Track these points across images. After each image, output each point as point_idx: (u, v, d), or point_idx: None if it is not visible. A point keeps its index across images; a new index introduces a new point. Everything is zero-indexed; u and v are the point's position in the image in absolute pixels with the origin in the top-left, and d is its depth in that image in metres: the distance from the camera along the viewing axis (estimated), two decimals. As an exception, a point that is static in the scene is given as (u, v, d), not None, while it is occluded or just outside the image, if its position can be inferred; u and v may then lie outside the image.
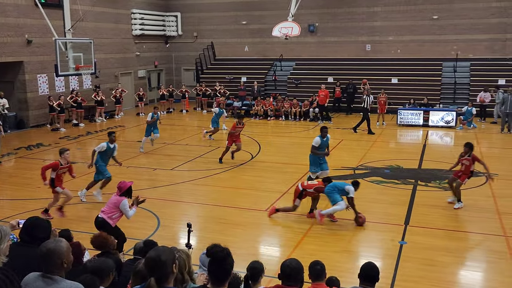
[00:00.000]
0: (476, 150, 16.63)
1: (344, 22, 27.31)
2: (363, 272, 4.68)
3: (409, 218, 10.06)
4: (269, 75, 28.00)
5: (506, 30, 24.64)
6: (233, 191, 12.11)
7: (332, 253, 8.41)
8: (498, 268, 7.95)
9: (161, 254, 3.27)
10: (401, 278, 7.49)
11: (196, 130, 21.41)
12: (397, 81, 25.02)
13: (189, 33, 30.81)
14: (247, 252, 8.51)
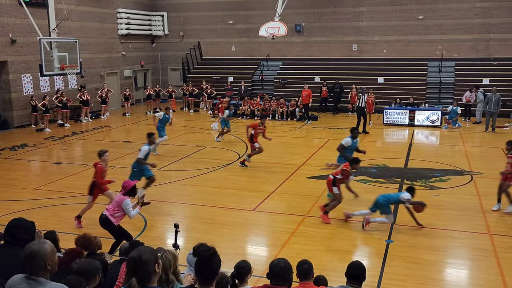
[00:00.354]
0: (461, 149, 16.90)
1: (330, 22, 27.42)
2: (350, 271, 4.70)
3: (395, 216, 10.11)
4: (256, 75, 28.01)
5: (489, 30, 24.95)
6: (220, 191, 12.08)
7: (319, 252, 8.43)
8: (483, 265, 8.04)
9: (142, 254, 3.24)
10: (387, 276, 7.54)
11: (183, 130, 21.33)
12: (383, 80, 25.20)
13: (175, 33, 30.69)
14: (234, 252, 8.50)
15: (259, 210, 10.71)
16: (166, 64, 31.41)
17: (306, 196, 11.46)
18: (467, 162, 14.72)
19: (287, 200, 11.43)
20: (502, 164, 14.41)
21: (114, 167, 14.37)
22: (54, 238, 5.59)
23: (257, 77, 27.83)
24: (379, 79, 25.31)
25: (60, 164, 15.10)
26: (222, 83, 27.05)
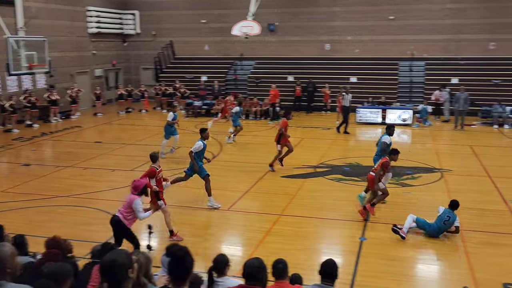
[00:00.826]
0: (432, 147, 17.20)
1: (304, 21, 27.54)
2: (323, 269, 4.69)
3: (368, 214, 10.20)
4: (229, 74, 27.94)
5: (459, 31, 25.47)
6: (195, 191, 11.97)
7: (295, 250, 8.44)
8: (454, 261, 8.19)
9: (117, 257, 3.16)
10: (361, 273, 7.60)
11: (157, 130, 21.09)
12: (356, 80, 25.44)
13: (147, 32, 30.34)
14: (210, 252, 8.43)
15: (233, 209, 10.67)
16: (138, 63, 31.02)
17: (281, 195, 11.47)
18: (437, 159, 14.98)
19: (262, 199, 11.43)
20: (471, 161, 14.77)
21: (85, 168, 14.14)
22: (22, 242, 5.44)
23: (230, 77, 27.75)
24: (351, 78, 25.54)
25: (29, 165, 14.73)
26: (196, 82, 26.88)
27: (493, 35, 25.07)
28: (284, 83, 26.04)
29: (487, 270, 7.71)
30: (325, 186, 12.29)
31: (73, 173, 13.70)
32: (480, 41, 25.23)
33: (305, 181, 12.68)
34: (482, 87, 23.36)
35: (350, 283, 7.29)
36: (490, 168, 13.64)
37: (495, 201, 11.03)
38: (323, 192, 11.80)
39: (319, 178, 12.99)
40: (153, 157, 9.37)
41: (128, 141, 18.09)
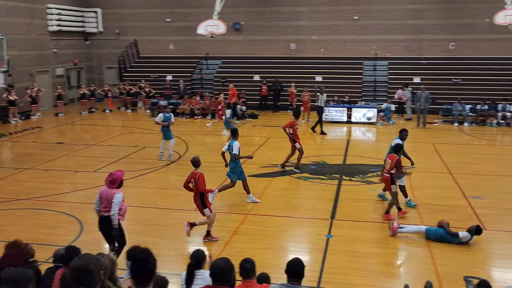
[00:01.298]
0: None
1: (269, 21, 27.62)
2: (289, 269, 4.64)
3: (335, 212, 10.33)
4: (195, 74, 27.76)
5: (420, 31, 26.08)
6: (161, 192, 11.83)
7: (262, 249, 8.44)
8: (417, 255, 8.37)
9: (88, 262, 3.09)
10: (328, 270, 7.67)
11: (121, 130, 20.77)
12: (321, 79, 25.68)
13: (110, 30, 29.77)
14: (175, 253, 8.36)
15: (200, 209, 10.57)
16: (101, 62, 30.40)
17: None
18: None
19: (229, 198, 11.37)
20: (433, 158, 15.13)
21: (47, 170, 13.76)
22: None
23: (196, 76, 27.57)
24: (317, 77, 25.78)
25: (-13, 167, 14.21)
26: (161, 81, 26.56)
27: (453, 36, 25.80)
28: (250, 82, 26.05)
29: (449, 264, 7.92)
30: (292, 185, 12.35)
31: (34, 175, 13.31)
32: (440, 41, 25.92)
33: (272, 180, 12.71)
34: (443, 86, 24.01)
35: (317, 281, 7.34)
36: (451, 165, 14.01)
37: (456, 196, 11.34)
38: (290, 191, 11.86)
39: (286, 177, 13.04)
40: (195, 162, 9.03)
41: (91, 141, 17.71)
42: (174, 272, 7.65)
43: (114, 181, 7.35)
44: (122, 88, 25.87)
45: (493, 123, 21.24)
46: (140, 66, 28.82)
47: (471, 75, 24.34)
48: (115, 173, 7.49)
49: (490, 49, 25.23)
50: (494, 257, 8.32)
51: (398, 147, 10.08)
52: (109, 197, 7.27)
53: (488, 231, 9.13)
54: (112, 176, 7.41)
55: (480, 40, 25.43)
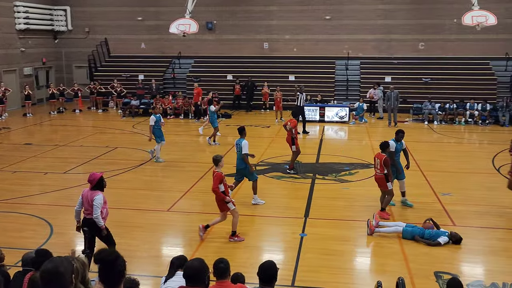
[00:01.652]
0: (367, 143, 17.76)
1: (242, 20, 27.60)
2: (262, 272, 4.56)
3: (308, 211, 10.38)
4: (167, 73, 27.52)
5: (390, 31, 26.48)
6: (133, 193, 11.68)
7: (236, 249, 8.42)
8: (389, 252, 8.48)
9: (59, 265, 3.01)
10: (302, 269, 7.70)
11: (92, 130, 20.42)
12: (294, 78, 25.81)
13: (80, 29, 29.24)
14: (148, 254, 8.27)
15: (173, 210, 10.51)
16: (71, 61, 29.81)
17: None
18: (373, 155, 15.39)
19: (202, 199, 11.31)
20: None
21: (14, 172, 13.42)
22: None
23: (168, 75, 27.34)
24: (290, 76, 25.91)
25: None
26: (133, 81, 26.23)
27: (422, 36, 26.29)
28: (223, 81, 25.99)
29: (420, 260, 8.05)
30: (266, 184, 12.36)
31: (1, 177, 12.97)
32: (410, 41, 26.37)
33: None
34: (413, 86, 24.45)
35: (292, 279, 7.36)
36: (422, 163, 14.26)
37: (426, 193, 11.55)
38: (264, 190, 11.85)
39: (259, 176, 13.03)
40: (215, 160, 8.88)
41: (61, 142, 17.37)
42: (146, 274, 7.59)
43: (90, 182, 7.22)
44: (93, 87, 25.45)
45: (462, 121, 21.73)
46: (111, 65, 28.40)
47: (440, 74, 24.86)
48: (93, 173, 7.35)
49: (458, 49, 25.82)
50: (463, 253, 8.50)
51: (385, 145, 10.13)
52: (90, 199, 7.15)
53: (457, 227, 9.33)
54: (90, 176, 7.29)
55: (448, 40, 26.00)
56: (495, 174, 13.24)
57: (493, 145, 17.29)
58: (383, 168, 9.87)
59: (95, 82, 25.73)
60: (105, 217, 7.29)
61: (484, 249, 8.66)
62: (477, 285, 7.17)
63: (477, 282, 7.25)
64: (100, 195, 7.14)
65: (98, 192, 7.17)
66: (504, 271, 7.66)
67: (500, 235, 9.17)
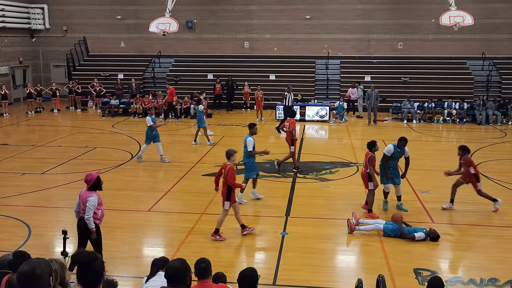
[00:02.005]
0: (347, 142, 17.89)
1: (222, 19, 27.54)
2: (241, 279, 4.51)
3: (289, 209, 10.41)
4: (147, 72, 27.30)
5: (369, 30, 26.72)
6: (113, 193, 11.53)
7: (217, 249, 8.40)
8: (370, 250, 8.55)
9: (36, 267, 2.96)
10: (283, 267, 7.72)
11: (70, 130, 20.13)
12: (275, 77, 25.87)
13: (57, 27, 28.81)
14: (128, 255, 8.19)
15: (154, 210, 10.43)
16: (48, 60, 29.35)
17: (203, 194, 11.37)
18: (353, 154, 15.60)
19: (183, 198, 11.27)
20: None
21: (-9, 172, 13.17)
22: None
23: (148, 74, 27.13)
24: (270, 76, 25.95)
25: None
26: (112, 80, 25.95)
27: (401, 35, 26.59)
28: (204, 81, 25.89)
29: (399, 257, 8.15)
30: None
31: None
32: (389, 41, 26.66)
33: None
34: (393, 85, 24.72)
35: (273, 278, 7.38)
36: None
37: (406, 191, 11.65)
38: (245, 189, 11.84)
39: (240, 176, 13.01)
40: (228, 154, 9.07)
41: (38, 142, 17.09)
42: (127, 275, 7.52)
43: (87, 182, 7.16)
44: (72, 86, 25.09)
45: (440, 120, 22.06)
46: (90, 64, 28.05)
47: (419, 74, 25.19)
48: (90, 174, 7.29)
49: (436, 49, 26.20)
50: (442, 249, 8.62)
51: (371, 144, 10.27)
52: (84, 199, 7.09)
53: (436, 224, 9.46)
54: (86, 176, 7.23)
55: (427, 40, 26.36)
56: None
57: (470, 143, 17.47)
58: (367, 167, 10.00)
59: (74, 82, 25.38)
60: (100, 218, 7.23)
61: (462, 245, 8.81)
62: (455, 281, 7.29)
63: (455, 278, 7.37)
64: (94, 197, 7.08)
65: (93, 193, 7.11)
66: (482, 267, 7.79)
67: (477, 231, 9.34)
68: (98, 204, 7.15)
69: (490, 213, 10.26)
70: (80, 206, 7.25)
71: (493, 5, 25.58)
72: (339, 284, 7.45)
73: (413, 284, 7.22)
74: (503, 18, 25.64)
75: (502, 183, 12.39)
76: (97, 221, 7.21)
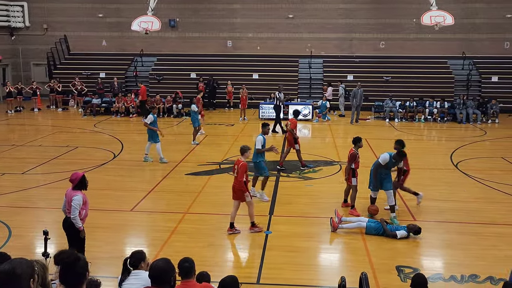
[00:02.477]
0: (330, 141, 17.98)
1: (205, 18, 27.45)
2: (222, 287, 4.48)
3: (273, 208, 10.43)
4: (129, 71, 27.08)
5: (351, 30, 26.90)
6: (94, 193, 11.37)
7: (201, 248, 8.38)
8: (352, 248, 8.61)
9: (16, 267, 2.92)
10: (266, 266, 7.73)
11: (51, 129, 19.87)
12: (258, 76, 25.89)
13: (38, 25, 28.40)
14: (110, 255, 8.12)
15: (137, 210, 10.35)
16: (28, 58, 28.93)
17: (186, 193, 11.34)
18: (336, 152, 15.70)
19: (166, 198, 11.21)
20: (366, 153, 15.63)
21: (-31, 173, 12.93)
22: None
23: (130, 73, 26.91)
24: (254, 75, 25.96)
25: None
26: (94, 79, 25.67)
27: (383, 35, 26.84)
28: (187, 79, 25.79)
29: (382, 255, 8.22)
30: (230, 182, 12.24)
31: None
32: (371, 40, 26.88)
33: (209, 178, 12.65)
34: (375, 84, 24.93)
35: (257, 276, 7.38)
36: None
37: (388, 189, 11.77)
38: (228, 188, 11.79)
39: (224, 175, 13.02)
40: (243, 150, 9.21)
41: (19, 142, 16.83)
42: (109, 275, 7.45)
43: (72, 181, 7.09)
44: (53, 85, 24.77)
45: (421, 119, 22.32)
46: (71, 63, 27.73)
47: (400, 73, 25.46)
48: (75, 173, 7.21)
49: (417, 48, 26.50)
50: (423, 247, 8.72)
51: (356, 140, 10.55)
52: (69, 199, 7.01)
53: (417, 222, 9.56)
54: (71, 175, 7.15)
55: (408, 40, 26.64)
56: (453, 170, 13.66)
57: (451, 142, 17.85)
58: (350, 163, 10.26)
59: (55, 80, 25.06)
60: (83, 218, 7.16)
61: (443, 243, 8.92)
62: (436, 278, 7.38)
63: (436, 275, 7.47)
64: (79, 196, 6.99)
65: (78, 192, 7.02)
66: (462, 263, 7.91)
67: (458, 229, 9.47)
68: (83, 203, 7.07)
69: (470, 210, 10.42)
70: (66, 206, 7.17)
71: (473, 5, 25.97)
72: (323, 282, 7.49)
73: (395, 281, 7.30)
74: (483, 18, 26.05)
75: (482, 181, 12.59)
76: (80, 221, 7.13)
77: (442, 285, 7.22)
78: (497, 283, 7.13)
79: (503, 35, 26.20)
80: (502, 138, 18.54)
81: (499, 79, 25.03)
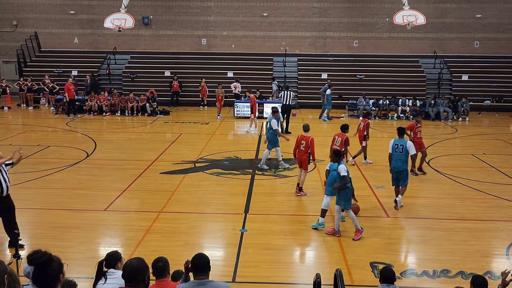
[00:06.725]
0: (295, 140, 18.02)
1: (179, 15, 27.28)
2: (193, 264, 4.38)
3: (248, 206, 10.45)
4: (102, 69, 26.71)
5: (326, 28, 27.13)
6: (67, 193, 11.25)
7: (175, 247, 8.33)
8: (327, 245, 8.69)
9: None
10: (242, 264, 7.74)
11: (22, 128, 19.44)
12: (233, 74, 25.86)
13: (7, 22, 27.75)
14: (84, 256, 8.00)
15: (111, 209, 10.22)
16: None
17: (160, 192, 11.26)
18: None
19: (140, 197, 11.10)
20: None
21: None
22: None
23: (103, 71, 26.55)
24: (228, 73, 25.92)
25: None
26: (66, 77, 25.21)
27: (356, 34, 27.14)
28: (161, 78, 25.59)
29: (356, 252, 8.32)
30: (205, 181, 12.31)
31: None
32: (345, 39, 27.16)
33: (184, 177, 12.58)
34: (349, 82, 25.20)
35: (233, 275, 7.39)
36: (357, 158, 14.71)
37: (362, 187, 11.93)
38: (203, 187, 11.81)
39: (199, 173, 12.98)
40: (305, 127, 11.47)
41: (-12, 141, 16.41)
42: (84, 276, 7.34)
43: None
44: (23, 84, 24.23)
45: (394, 116, 22.66)
46: (42, 60, 27.19)
47: (374, 71, 25.79)
48: None
49: (389, 47, 26.90)
50: (396, 243, 8.87)
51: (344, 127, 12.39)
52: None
53: (390, 219, 9.73)
54: None
55: (381, 39, 27.02)
56: (425, 166, 13.90)
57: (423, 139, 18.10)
58: (342, 145, 11.73)
59: (26, 78, 24.53)
60: None
61: (415, 238, 9.09)
62: (409, 273, 7.52)
63: (409, 271, 7.60)
64: None
65: None
66: (434, 259, 8.07)
67: (429, 224, 9.66)
68: None
69: (440, 206, 10.65)
70: None
71: (444, 5, 26.49)
72: (298, 279, 7.55)
73: (369, 277, 7.40)
74: (454, 18, 26.61)
75: (452, 177, 12.86)
76: None
77: (415, 280, 7.35)
78: (468, 278, 7.29)
79: (473, 34, 26.82)
80: (472, 136, 18.98)
81: (469, 78, 25.62)
